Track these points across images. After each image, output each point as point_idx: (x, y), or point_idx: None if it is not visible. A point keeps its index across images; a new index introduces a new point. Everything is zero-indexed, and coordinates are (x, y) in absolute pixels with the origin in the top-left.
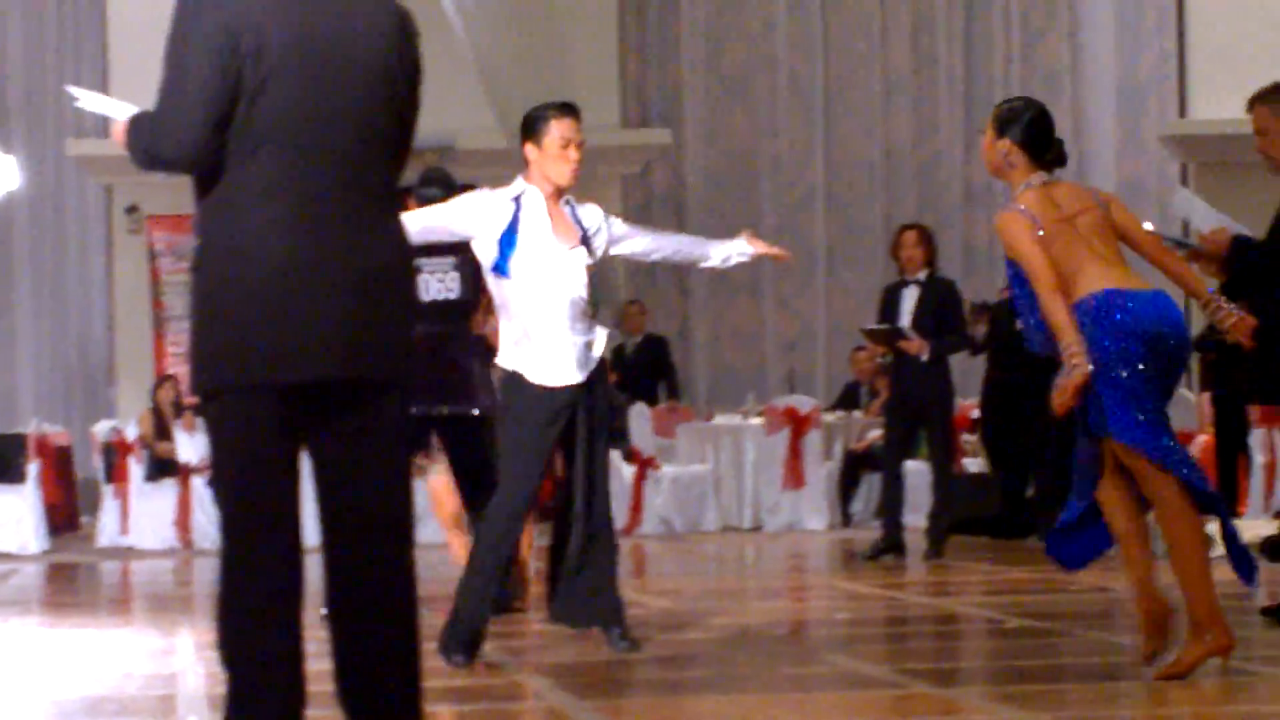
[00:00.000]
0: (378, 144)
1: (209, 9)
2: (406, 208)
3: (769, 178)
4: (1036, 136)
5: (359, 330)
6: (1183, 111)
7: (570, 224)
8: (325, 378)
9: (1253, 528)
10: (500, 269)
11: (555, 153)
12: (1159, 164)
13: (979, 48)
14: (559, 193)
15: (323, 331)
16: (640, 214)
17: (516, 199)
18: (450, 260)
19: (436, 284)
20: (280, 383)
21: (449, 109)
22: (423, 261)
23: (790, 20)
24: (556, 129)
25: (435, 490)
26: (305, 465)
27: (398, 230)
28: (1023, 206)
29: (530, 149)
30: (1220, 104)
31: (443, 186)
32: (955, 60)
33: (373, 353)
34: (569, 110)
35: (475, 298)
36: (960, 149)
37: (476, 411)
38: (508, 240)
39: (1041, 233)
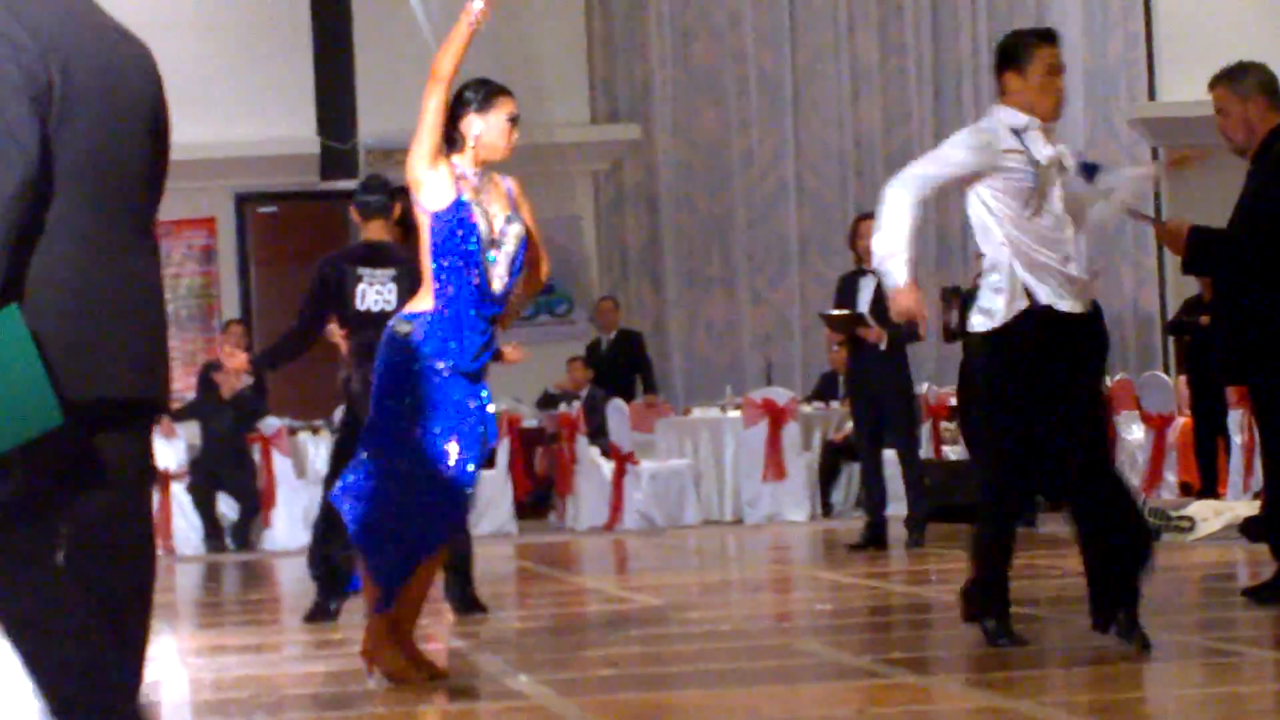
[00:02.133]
0: (153, 180)
1: (6, 12)
2: (349, 216)
3: (740, 171)
4: None
5: (154, 354)
6: (1152, 94)
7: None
8: (130, 397)
9: (1233, 508)
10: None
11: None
12: (1129, 147)
13: (946, 36)
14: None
15: (133, 354)
16: (612, 210)
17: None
18: (390, 272)
19: (374, 295)
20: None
21: (416, 110)
22: (363, 271)
23: (757, 13)
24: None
25: None
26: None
27: (158, 262)
28: None
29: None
30: (1189, 86)
31: (382, 193)
32: (923, 49)
33: (161, 376)
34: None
35: None
36: (930, 136)
37: None
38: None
39: None
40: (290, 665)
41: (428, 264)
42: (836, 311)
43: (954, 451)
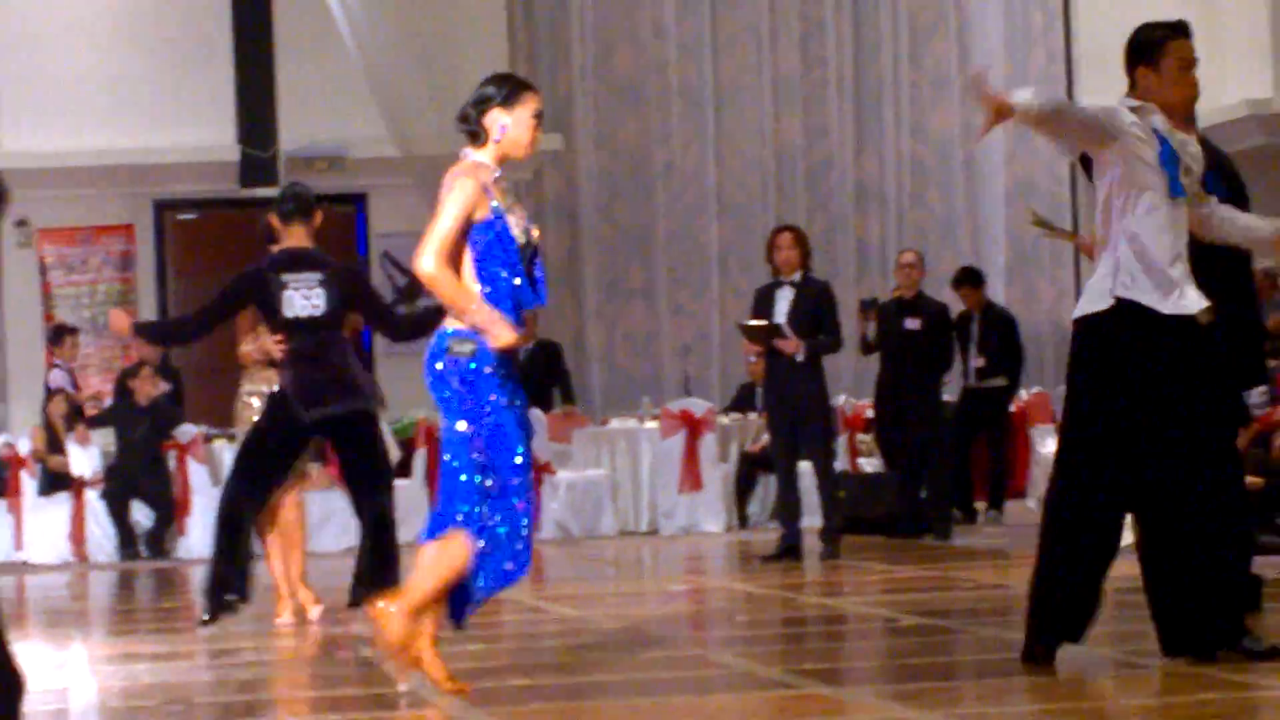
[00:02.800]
0: None
1: None
2: (270, 224)
3: (662, 183)
4: None
5: None
6: None
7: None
8: None
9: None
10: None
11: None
12: (1049, 163)
13: (868, 49)
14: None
15: None
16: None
17: None
18: (316, 276)
19: (301, 300)
20: None
21: (340, 119)
22: (287, 278)
23: (679, 25)
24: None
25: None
26: None
27: None
28: None
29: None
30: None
31: (300, 202)
32: (845, 62)
33: None
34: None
35: (340, 310)
36: (851, 150)
37: (367, 407)
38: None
39: None
40: (201, 674)
41: (471, 276)
42: (754, 322)
43: (870, 464)
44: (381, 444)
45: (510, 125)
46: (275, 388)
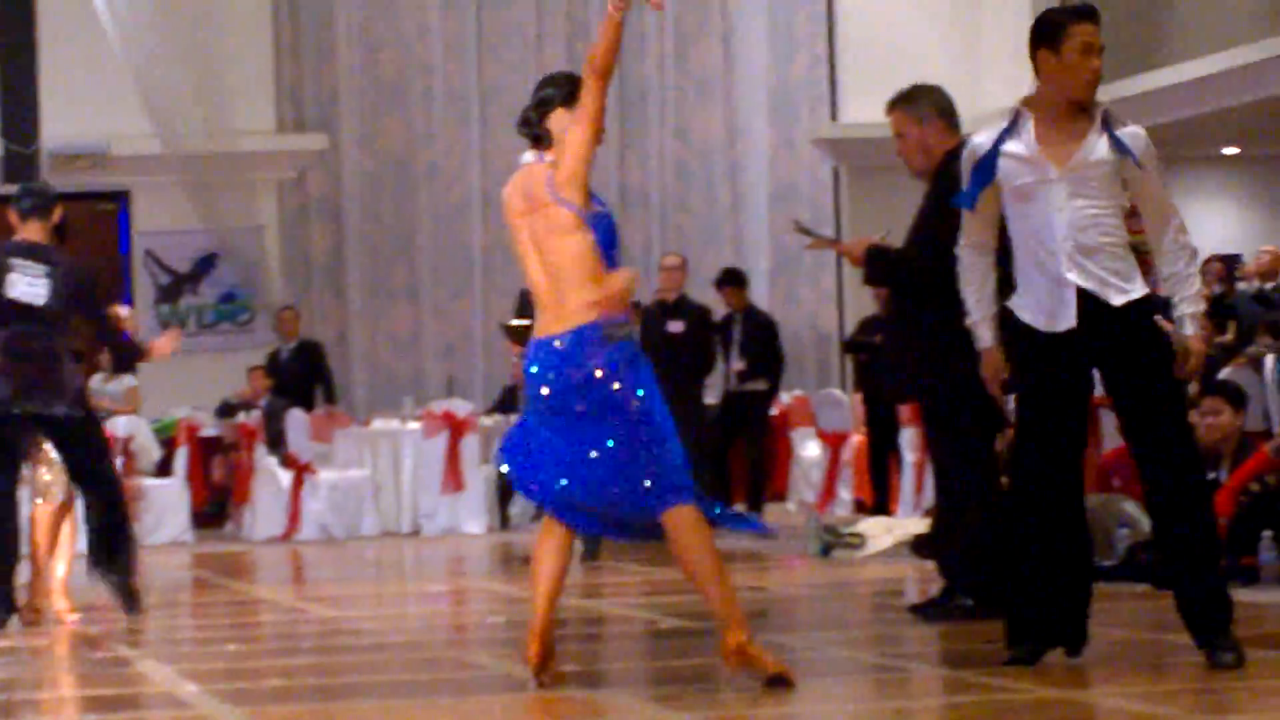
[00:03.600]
0: None
1: None
2: (8, 219)
3: (426, 183)
4: None
5: None
6: (834, 115)
7: None
8: None
9: (904, 525)
10: None
11: None
12: (812, 167)
13: (632, 51)
14: None
15: None
16: (297, 219)
17: None
18: (44, 269)
19: (25, 285)
20: None
21: (102, 114)
22: (15, 262)
23: (444, 25)
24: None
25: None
26: None
27: None
28: None
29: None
30: (870, 108)
31: (40, 197)
32: None
33: None
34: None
35: (62, 307)
36: (615, 152)
37: (59, 413)
38: None
39: None
40: None
41: (602, 264)
42: (516, 322)
43: None
44: (101, 443)
45: None
46: None
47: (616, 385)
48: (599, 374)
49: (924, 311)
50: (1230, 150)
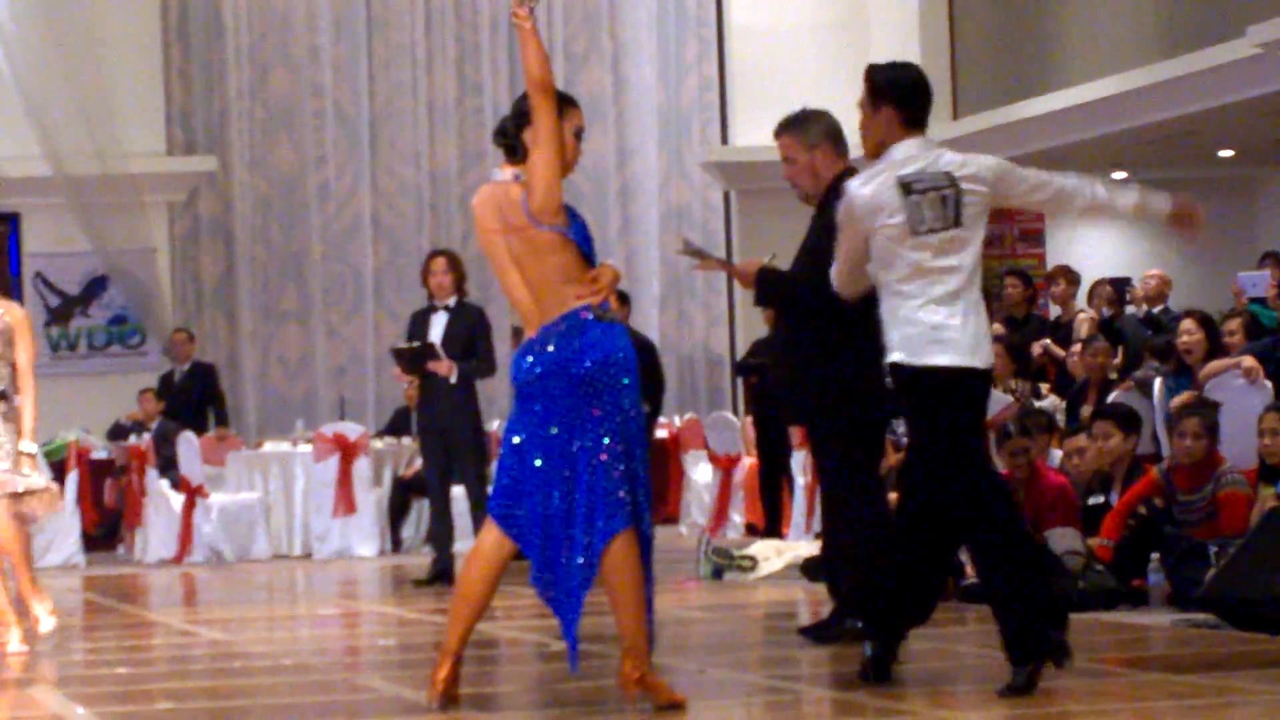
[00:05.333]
0: None
1: None
2: None
3: (317, 205)
4: None
5: None
6: (725, 139)
7: None
8: None
9: (795, 548)
10: None
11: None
12: (702, 190)
13: (521, 75)
14: None
15: None
16: (188, 242)
17: None
18: None
19: None
20: None
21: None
22: None
23: (335, 49)
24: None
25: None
26: None
27: None
28: None
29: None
30: (760, 131)
31: None
32: (500, 88)
33: None
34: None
35: None
36: None
37: None
38: None
39: None
40: None
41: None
42: (406, 344)
43: None
44: None
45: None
46: None
47: (624, 381)
48: (588, 365)
49: (810, 334)
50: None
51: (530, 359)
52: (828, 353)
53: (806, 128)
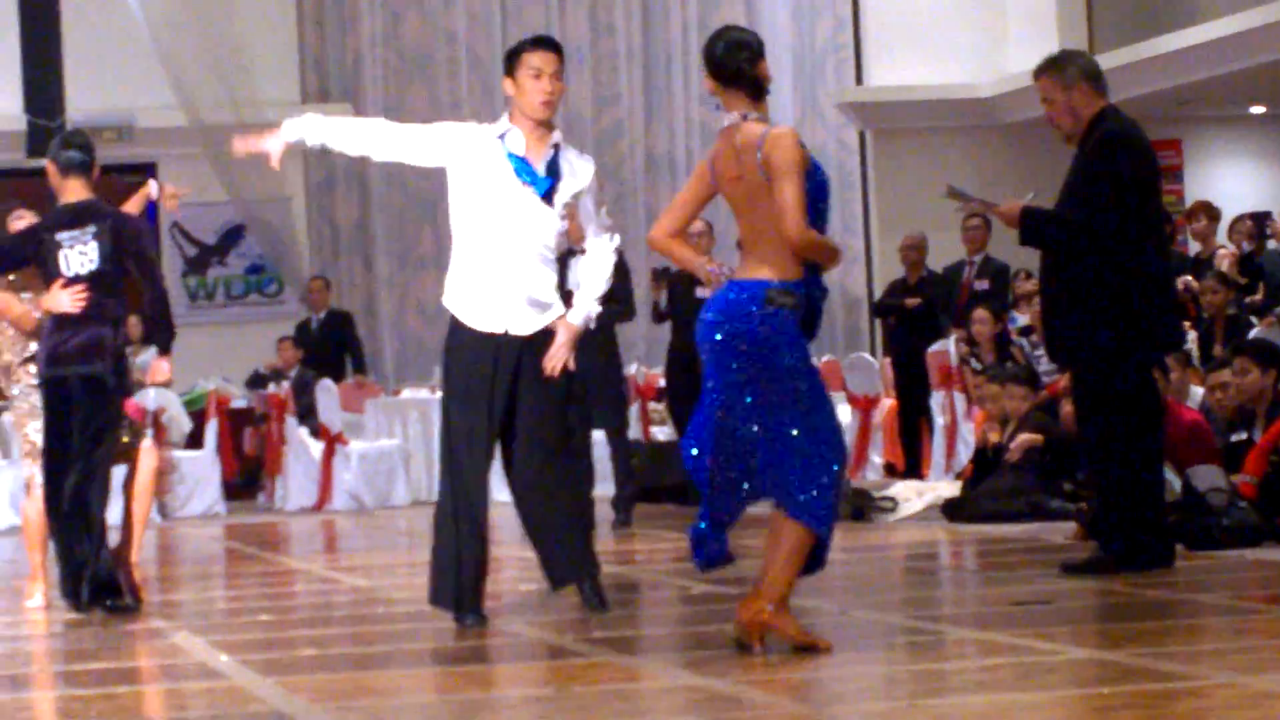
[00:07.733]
0: None
1: None
2: (47, 174)
3: None
4: None
5: None
6: (859, 79)
7: (544, 167)
8: None
9: (935, 489)
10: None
11: (528, 85)
12: (837, 130)
13: (656, 17)
14: (542, 131)
15: None
16: (323, 190)
17: (501, 136)
18: (91, 229)
19: (79, 257)
20: None
21: (127, 87)
22: (62, 237)
23: None
24: (528, 60)
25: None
26: None
27: None
28: None
29: (507, 84)
30: (895, 71)
31: (84, 150)
32: (633, 30)
33: None
34: (542, 43)
35: (118, 269)
36: (641, 118)
37: (98, 370)
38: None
39: None
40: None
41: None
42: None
43: (662, 433)
44: (114, 416)
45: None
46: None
47: (763, 352)
48: (738, 340)
49: (1075, 273)
50: (1257, 109)
51: (710, 315)
52: (1095, 292)
53: (1064, 68)
